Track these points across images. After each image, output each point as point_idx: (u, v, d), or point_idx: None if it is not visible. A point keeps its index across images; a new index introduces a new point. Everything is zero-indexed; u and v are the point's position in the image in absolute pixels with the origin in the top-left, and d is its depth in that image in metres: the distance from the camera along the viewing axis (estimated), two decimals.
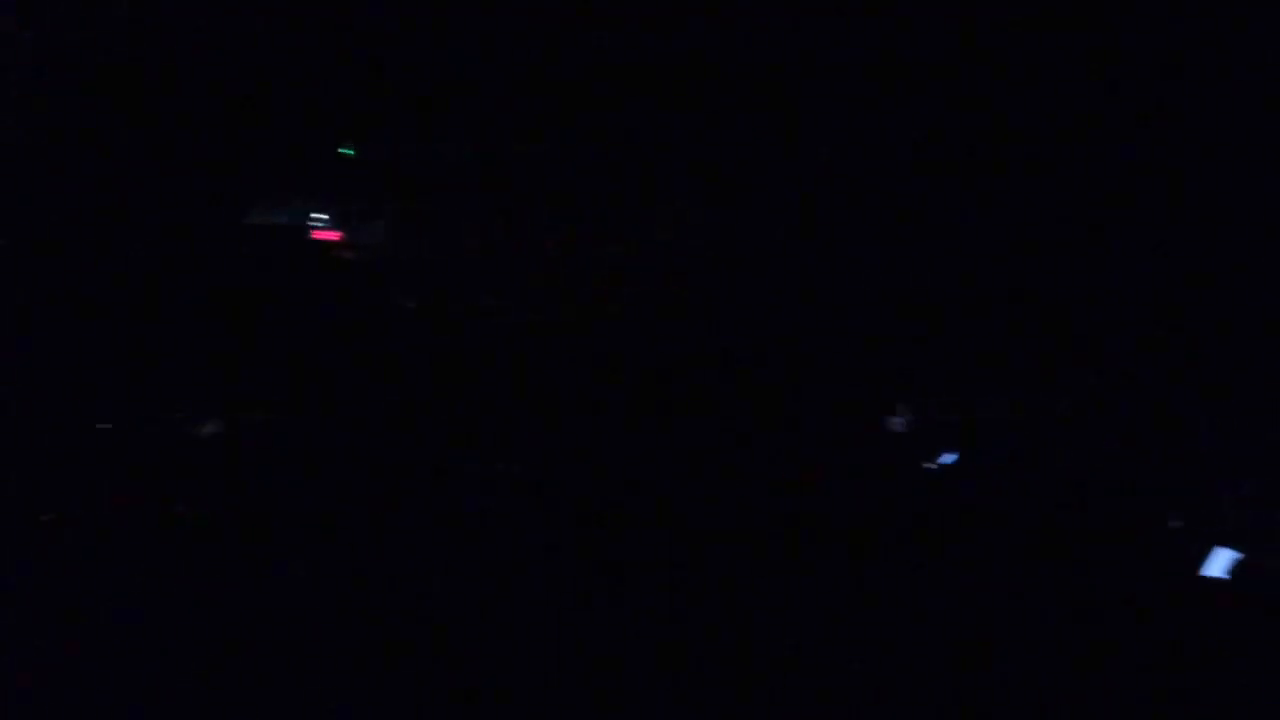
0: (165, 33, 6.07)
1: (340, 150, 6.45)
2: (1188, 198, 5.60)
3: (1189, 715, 3.61)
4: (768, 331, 6.13)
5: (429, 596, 4.34)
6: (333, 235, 6.48)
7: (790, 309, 6.17)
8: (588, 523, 4.90)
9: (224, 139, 6.19)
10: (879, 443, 5.60)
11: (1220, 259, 5.51)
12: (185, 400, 5.66)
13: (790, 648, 3.95)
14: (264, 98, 6.22)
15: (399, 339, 6.14)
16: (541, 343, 6.14)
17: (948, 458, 5.36)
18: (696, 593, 4.34)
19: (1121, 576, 4.42)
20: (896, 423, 5.71)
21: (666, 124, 6.21)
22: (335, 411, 5.73)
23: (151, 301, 5.90)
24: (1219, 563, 4.39)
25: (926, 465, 5.36)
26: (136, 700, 3.67)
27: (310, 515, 4.86)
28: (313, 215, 6.44)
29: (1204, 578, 4.40)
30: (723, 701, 3.70)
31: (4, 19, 6.11)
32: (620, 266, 6.36)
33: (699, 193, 6.26)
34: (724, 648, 3.97)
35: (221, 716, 3.64)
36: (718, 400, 5.93)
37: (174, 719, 3.65)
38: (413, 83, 6.37)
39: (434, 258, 6.51)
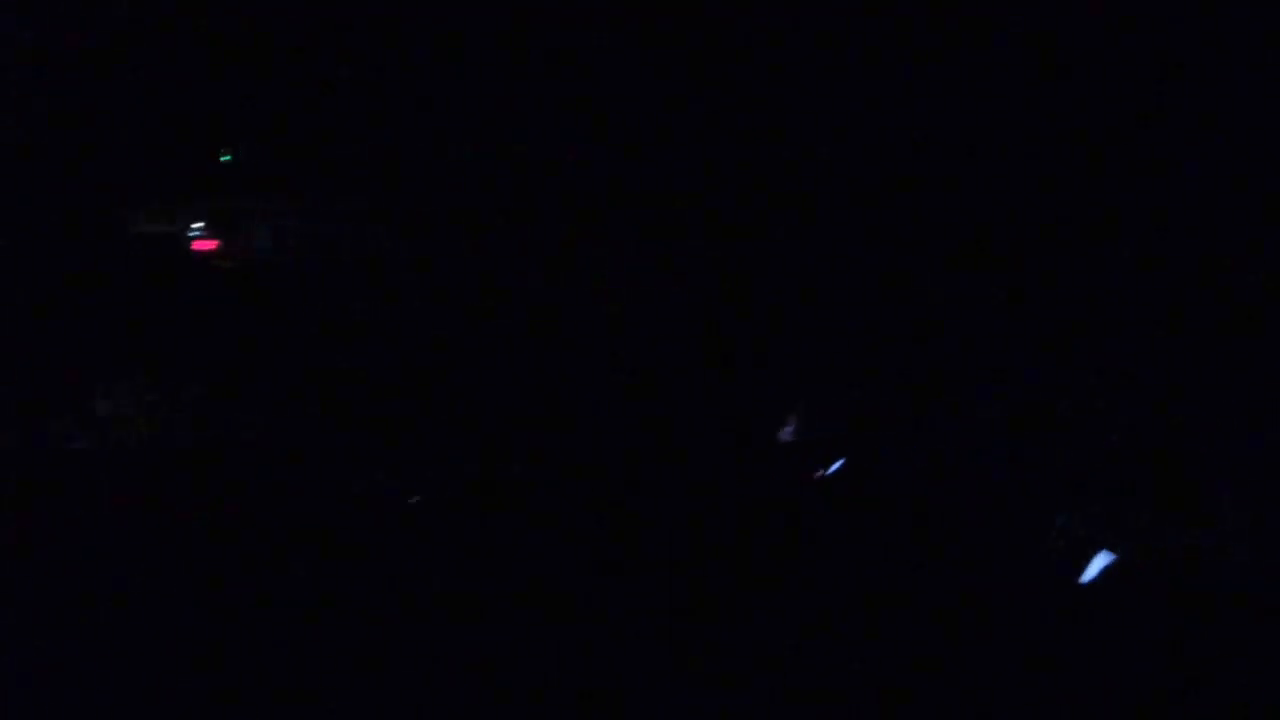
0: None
1: (221, 158, 6.36)
2: (1188, 197, 5.60)
3: (1190, 715, 3.61)
4: (766, 332, 6.14)
5: (421, 598, 4.35)
6: (210, 244, 6.35)
7: (789, 308, 6.17)
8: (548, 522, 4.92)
9: (102, 146, 6.13)
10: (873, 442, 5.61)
11: (1220, 259, 5.51)
12: (62, 408, 5.66)
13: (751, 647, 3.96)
14: (144, 104, 6.15)
15: (283, 346, 6.10)
16: (422, 350, 6.14)
17: (837, 465, 5.35)
18: (692, 586, 4.35)
19: (1118, 576, 4.42)
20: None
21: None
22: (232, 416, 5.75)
23: (27, 308, 5.89)
24: (1096, 564, 4.38)
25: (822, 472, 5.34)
26: (136, 700, 3.67)
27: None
28: (191, 224, 6.32)
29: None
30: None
31: (4, 19, 6.10)
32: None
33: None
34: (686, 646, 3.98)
35: (221, 716, 3.64)
36: (711, 399, 5.93)
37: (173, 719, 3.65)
38: (297, 89, 6.30)
39: (320, 265, 6.42)
